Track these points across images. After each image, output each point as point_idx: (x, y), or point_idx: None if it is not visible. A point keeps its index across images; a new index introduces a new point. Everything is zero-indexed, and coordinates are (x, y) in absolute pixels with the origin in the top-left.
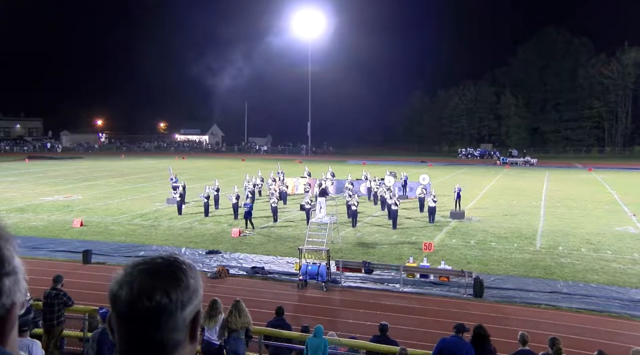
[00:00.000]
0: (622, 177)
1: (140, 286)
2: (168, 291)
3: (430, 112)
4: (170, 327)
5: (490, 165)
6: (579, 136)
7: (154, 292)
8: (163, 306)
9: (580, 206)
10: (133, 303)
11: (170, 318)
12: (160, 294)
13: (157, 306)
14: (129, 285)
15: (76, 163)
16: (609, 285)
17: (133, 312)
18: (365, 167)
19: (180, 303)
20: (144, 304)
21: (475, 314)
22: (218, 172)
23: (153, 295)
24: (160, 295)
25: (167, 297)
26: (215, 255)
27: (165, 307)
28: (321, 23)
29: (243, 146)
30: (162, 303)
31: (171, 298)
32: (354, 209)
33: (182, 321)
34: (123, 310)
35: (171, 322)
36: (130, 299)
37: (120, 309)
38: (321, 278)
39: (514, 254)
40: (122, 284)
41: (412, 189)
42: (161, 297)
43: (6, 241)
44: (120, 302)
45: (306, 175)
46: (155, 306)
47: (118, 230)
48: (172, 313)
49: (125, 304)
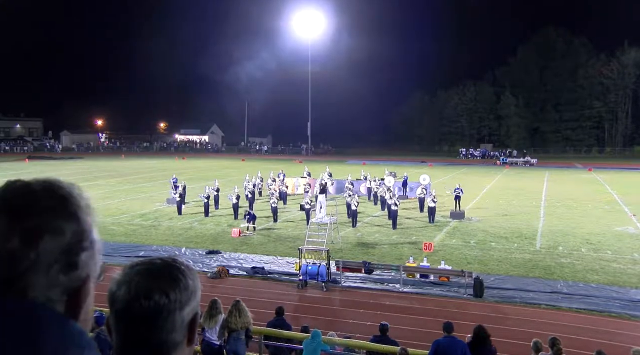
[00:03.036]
0: (622, 177)
1: (139, 286)
2: (167, 291)
3: (430, 112)
4: (168, 327)
5: (490, 165)
6: (579, 136)
7: (153, 291)
8: (162, 306)
9: (580, 206)
10: (131, 303)
11: (168, 318)
12: (159, 294)
13: (155, 306)
14: (127, 285)
15: (76, 163)
16: (609, 285)
17: (131, 312)
18: (365, 167)
19: (179, 303)
20: (142, 303)
21: (475, 314)
22: (218, 172)
23: (152, 295)
24: (158, 295)
25: (166, 297)
26: (215, 255)
27: (164, 307)
28: (321, 23)
29: (243, 146)
30: (161, 303)
31: (170, 298)
32: (354, 209)
33: (180, 322)
34: (121, 310)
35: (170, 323)
36: (129, 298)
37: (119, 308)
38: (321, 278)
39: (514, 254)
40: (121, 283)
41: (412, 189)
42: (160, 297)
43: (87, 214)
44: (119, 302)
45: (306, 175)
46: (154, 306)
47: (118, 230)
48: (171, 313)
49: (123, 304)
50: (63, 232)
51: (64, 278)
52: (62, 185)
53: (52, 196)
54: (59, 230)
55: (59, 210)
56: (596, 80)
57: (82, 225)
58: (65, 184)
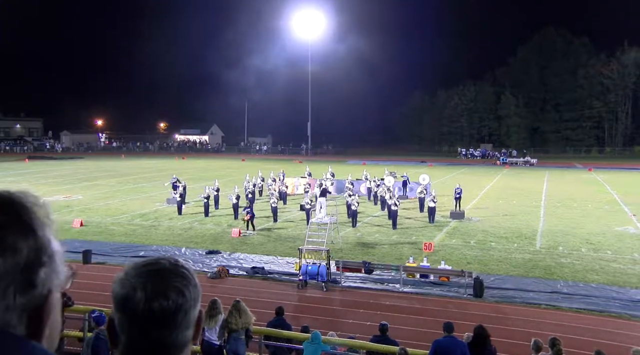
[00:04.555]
0: (622, 177)
1: (155, 287)
2: (182, 290)
3: (430, 112)
4: (185, 325)
5: (490, 165)
6: (579, 136)
7: (170, 291)
8: (180, 305)
9: (580, 206)
10: (150, 304)
11: (185, 316)
12: (176, 293)
13: (174, 305)
14: (142, 287)
15: (76, 163)
16: (609, 285)
17: (150, 313)
18: (366, 167)
19: (193, 301)
20: (161, 303)
21: (475, 314)
22: (218, 172)
23: (169, 294)
24: (175, 294)
25: (183, 296)
26: (215, 255)
27: (182, 306)
28: (321, 23)
29: (243, 146)
30: (179, 302)
31: (186, 296)
32: (354, 209)
33: (193, 319)
34: (140, 312)
35: (186, 320)
36: (147, 299)
37: (136, 311)
38: (321, 278)
39: (514, 254)
40: (135, 286)
41: (412, 189)
42: (177, 295)
43: (44, 226)
44: (134, 304)
45: (306, 175)
46: (173, 305)
47: (118, 230)
48: (187, 311)
49: (140, 306)
50: (19, 251)
51: (21, 299)
52: (13, 197)
53: (4, 211)
54: (14, 249)
55: (13, 226)
56: (596, 80)
57: (39, 239)
58: (16, 195)
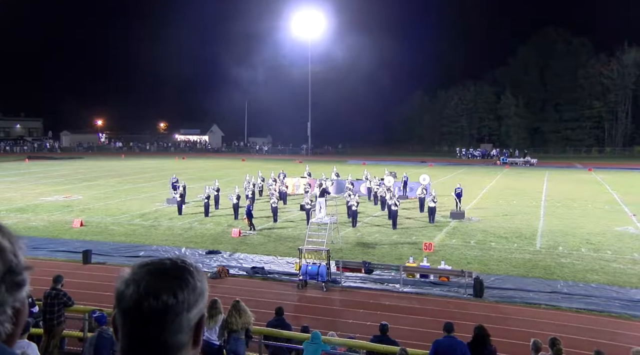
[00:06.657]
0: (622, 177)
1: (147, 285)
2: (175, 291)
3: (430, 112)
4: (175, 328)
5: (490, 165)
6: (579, 136)
7: (161, 292)
8: (169, 306)
9: (580, 206)
10: (139, 302)
11: (175, 319)
12: (167, 294)
13: (163, 306)
14: (135, 284)
15: (76, 163)
16: (609, 285)
17: (139, 311)
18: (366, 167)
19: (187, 304)
20: (150, 303)
21: (475, 314)
22: (218, 172)
23: (160, 294)
24: (167, 295)
25: (174, 297)
26: (215, 255)
27: (172, 308)
28: (321, 23)
29: (243, 146)
30: (169, 303)
31: (178, 298)
32: (354, 209)
33: (187, 323)
34: (129, 309)
35: (176, 323)
36: (137, 297)
37: (126, 307)
38: (321, 278)
39: (514, 254)
40: (129, 282)
41: (412, 189)
42: (168, 297)
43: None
44: (126, 301)
45: (306, 175)
46: (162, 306)
47: (118, 230)
48: (178, 314)
49: (131, 303)
50: (4, 250)
51: (10, 298)
52: None
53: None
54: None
55: None
56: (596, 80)
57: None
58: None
